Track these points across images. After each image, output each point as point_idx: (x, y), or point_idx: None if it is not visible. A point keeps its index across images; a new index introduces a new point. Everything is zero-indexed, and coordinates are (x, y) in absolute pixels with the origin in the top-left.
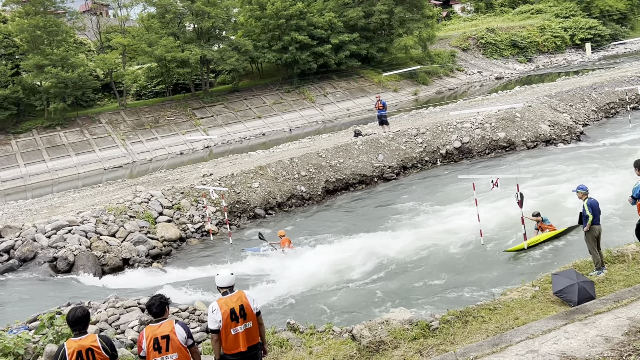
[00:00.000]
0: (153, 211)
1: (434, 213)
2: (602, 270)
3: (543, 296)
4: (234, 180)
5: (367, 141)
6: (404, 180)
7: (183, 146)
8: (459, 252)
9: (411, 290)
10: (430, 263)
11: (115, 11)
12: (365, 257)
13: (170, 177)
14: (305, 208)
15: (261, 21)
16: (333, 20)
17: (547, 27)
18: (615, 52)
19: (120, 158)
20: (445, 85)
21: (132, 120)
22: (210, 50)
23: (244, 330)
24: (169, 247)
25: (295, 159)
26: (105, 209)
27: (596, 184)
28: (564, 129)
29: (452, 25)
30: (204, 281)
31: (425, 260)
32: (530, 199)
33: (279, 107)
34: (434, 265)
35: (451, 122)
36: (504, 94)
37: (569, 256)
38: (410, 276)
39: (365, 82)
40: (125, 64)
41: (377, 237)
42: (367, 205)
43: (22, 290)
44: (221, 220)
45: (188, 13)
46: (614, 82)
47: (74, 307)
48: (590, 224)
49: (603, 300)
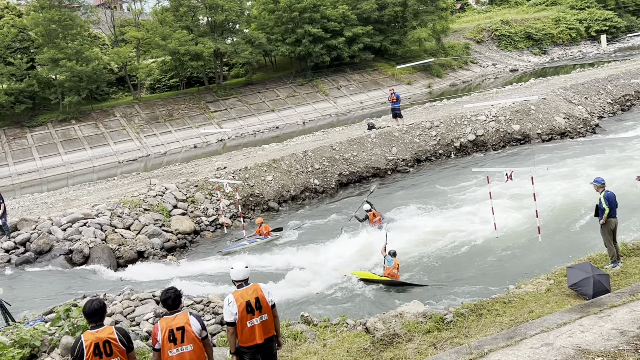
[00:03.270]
0: (167, 204)
1: (447, 206)
2: (617, 264)
3: (558, 289)
4: (247, 174)
5: (380, 134)
6: (418, 173)
7: (197, 139)
8: (473, 245)
9: (425, 284)
10: (444, 256)
11: (130, 5)
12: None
13: (184, 170)
14: (319, 201)
15: (274, 14)
16: (346, 12)
17: (562, 18)
18: (631, 44)
19: (135, 151)
20: (459, 78)
21: (146, 114)
22: (224, 43)
23: (260, 323)
24: (183, 240)
25: (309, 152)
26: (120, 202)
27: (612, 176)
28: (579, 122)
29: (466, 18)
30: (218, 274)
31: (439, 254)
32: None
33: (293, 100)
34: (447, 259)
35: (465, 115)
36: (519, 86)
37: (584, 249)
38: (423, 270)
39: (379, 74)
40: (139, 57)
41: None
42: (380, 199)
43: (38, 283)
44: (235, 213)
45: (202, 6)
46: (630, 74)
47: (90, 299)
48: (607, 217)
49: (618, 294)
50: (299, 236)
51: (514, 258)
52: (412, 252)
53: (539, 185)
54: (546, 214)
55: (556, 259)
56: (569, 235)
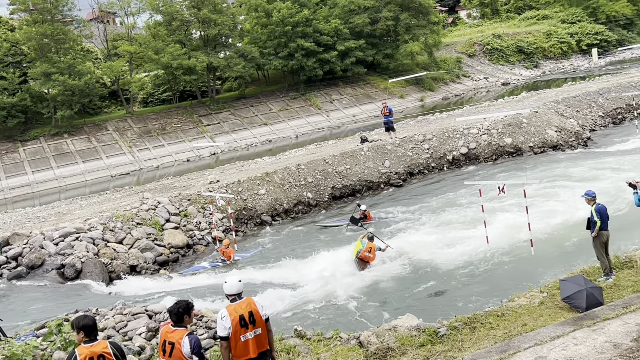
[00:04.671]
0: (160, 218)
1: (440, 219)
2: (610, 276)
3: (551, 302)
4: (240, 187)
5: (373, 147)
6: (411, 186)
7: (190, 153)
8: (465, 258)
9: (418, 297)
10: (437, 269)
11: (122, 19)
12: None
13: (177, 184)
14: (312, 214)
15: (267, 28)
16: (339, 27)
17: (553, 32)
18: (622, 57)
19: (127, 165)
20: (451, 91)
21: (138, 128)
22: (217, 57)
23: (254, 337)
24: (176, 253)
25: (302, 165)
26: (113, 216)
27: (604, 190)
28: (571, 135)
29: (458, 32)
30: (211, 288)
31: (432, 267)
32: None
33: (285, 113)
34: (440, 272)
35: (457, 128)
36: (511, 99)
37: (576, 262)
38: (417, 283)
39: (372, 88)
40: (132, 71)
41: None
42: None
43: (30, 297)
44: (228, 227)
45: (194, 21)
46: (621, 87)
47: (82, 315)
48: (598, 230)
49: (611, 306)
50: (291, 250)
51: (507, 271)
52: (404, 265)
53: (532, 198)
54: (539, 227)
55: (549, 272)
56: (561, 248)
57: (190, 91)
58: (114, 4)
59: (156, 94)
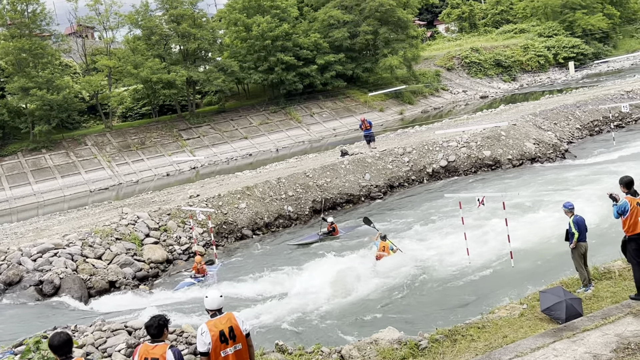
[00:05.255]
0: (140, 233)
1: (420, 232)
2: (589, 287)
3: (531, 314)
4: (220, 201)
5: (353, 161)
6: (391, 199)
7: (169, 167)
8: (446, 271)
9: (399, 310)
10: (418, 282)
11: (101, 33)
12: (352, 278)
13: (156, 198)
14: (293, 228)
15: (247, 42)
16: (318, 41)
17: (530, 46)
18: (599, 70)
19: (106, 180)
20: (430, 105)
21: (118, 142)
22: (196, 71)
23: (234, 352)
24: (155, 269)
25: (283, 179)
26: (92, 232)
27: (582, 201)
28: (549, 147)
29: (437, 45)
30: (191, 303)
31: (413, 280)
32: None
33: (266, 127)
34: (421, 284)
35: (437, 141)
36: (489, 112)
37: (556, 273)
38: (397, 296)
39: (351, 102)
40: (111, 85)
41: (362, 257)
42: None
43: (8, 315)
44: (208, 241)
45: (174, 35)
46: (598, 100)
47: (57, 332)
48: (577, 241)
49: (591, 317)
50: (272, 264)
51: (487, 283)
52: (384, 278)
53: (511, 210)
54: (518, 238)
55: (529, 283)
56: (541, 259)
57: (169, 105)
58: (93, 19)
59: (135, 108)
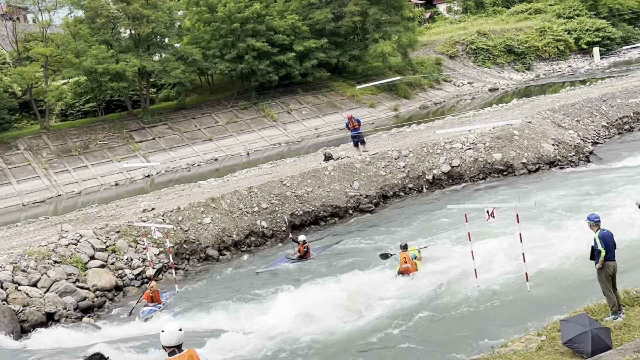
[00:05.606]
0: (83, 255)
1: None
2: (619, 315)
3: (551, 347)
4: (180, 216)
5: (339, 166)
6: (384, 211)
7: (119, 175)
8: (450, 296)
9: (398, 344)
10: (417, 311)
11: (36, 16)
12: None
13: (103, 213)
14: (266, 247)
15: (211, 26)
16: (297, 24)
17: (547, 29)
18: (628, 57)
19: (43, 191)
20: (430, 99)
21: (56, 146)
22: (151, 60)
23: None
24: (102, 297)
25: (255, 188)
26: (25, 254)
27: (610, 213)
28: (570, 149)
29: (437, 29)
30: (146, 338)
31: (412, 308)
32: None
33: (234, 127)
34: (421, 314)
35: (438, 143)
36: (499, 108)
37: (579, 299)
38: (396, 327)
39: (336, 96)
40: (47, 78)
41: (353, 282)
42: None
43: None
44: (166, 263)
45: (123, 17)
46: (627, 92)
47: None
48: (603, 260)
49: (621, 350)
50: (240, 291)
51: (498, 311)
52: (376, 306)
53: (526, 224)
54: (535, 258)
55: (548, 311)
56: (561, 282)
57: (118, 101)
58: None
59: (77, 105)
